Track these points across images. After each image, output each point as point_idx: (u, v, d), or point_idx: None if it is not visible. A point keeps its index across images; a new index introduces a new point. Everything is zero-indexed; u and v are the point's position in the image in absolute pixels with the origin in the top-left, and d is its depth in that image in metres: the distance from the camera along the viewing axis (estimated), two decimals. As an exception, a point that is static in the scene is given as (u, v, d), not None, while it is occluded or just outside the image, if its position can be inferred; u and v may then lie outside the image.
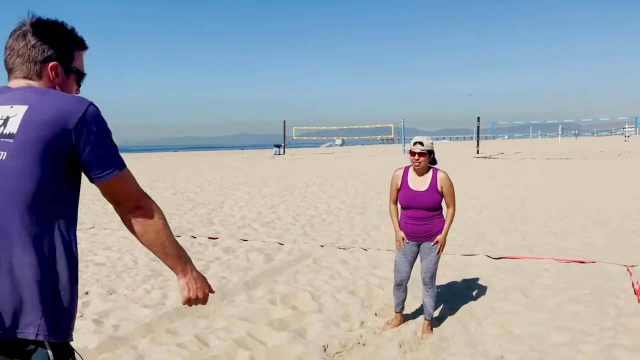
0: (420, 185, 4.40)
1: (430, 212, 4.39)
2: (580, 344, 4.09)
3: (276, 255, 7.27)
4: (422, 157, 4.33)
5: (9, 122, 1.45)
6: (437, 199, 4.37)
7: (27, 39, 1.61)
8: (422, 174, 4.42)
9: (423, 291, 4.58)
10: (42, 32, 1.62)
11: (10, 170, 1.42)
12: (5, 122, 1.46)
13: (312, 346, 4.21)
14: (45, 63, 1.63)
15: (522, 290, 5.57)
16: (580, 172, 20.94)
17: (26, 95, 1.51)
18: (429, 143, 4.35)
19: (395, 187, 4.53)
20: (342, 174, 22.10)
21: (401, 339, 4.37)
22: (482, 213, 10.86)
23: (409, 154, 4.43)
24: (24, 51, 1.61)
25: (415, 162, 4.35)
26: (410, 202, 4.40)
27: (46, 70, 1.64)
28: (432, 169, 4.44)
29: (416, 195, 4.38)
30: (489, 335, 4.45)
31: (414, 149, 4.33)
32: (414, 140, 4.38)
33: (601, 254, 7.06)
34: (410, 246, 4.53)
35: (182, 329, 4.58)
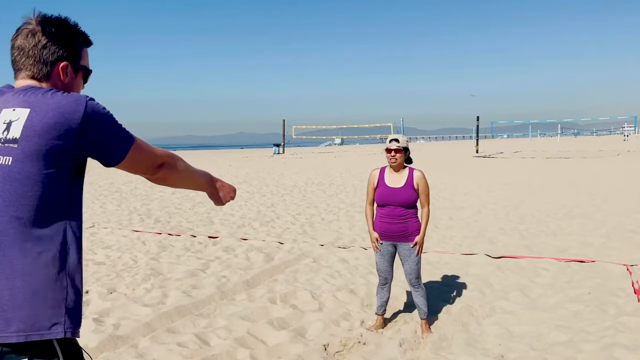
0: (396, 182, 4.46)
1: (406, 210, 4.42)
2: (580, 343, 4.10)
3: (276, 254, 7.27)
4: (398, 153, 4.42)
5: (12, 127, 1.44)
6: (413, 196, 4.42)
7: (37, 38, 1.58)
8: (399, 171, 4.47)
9: (412, 292, 4.59)
10: (52, 31, 1.59)
11: (17, 175, 1.42)
12: (9, 127, 1.45)
13: (313, 345, 4.21)
14: (56, 63, 1.61)
15: (521, 290, 5.57)
16: (579, 171, 20.96)
17: (27, 97, 1.49)
18: (405, 140, 4.49)
19: (372, 187, 4.58)
20: (341, 172, 22.11)
21: (401, 338, 4.37)
22: (481, 212, 10.86)
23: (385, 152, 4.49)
24: (34, 52, 1.58)
25: (392, 158, 4.44)
26: (387, 198, 4.44)
27: (56, 70, 1.62)
28: (409, 168, 4.52)
29: (393, 192, 4.42)
30: (489, 334, 4.45)
31: (390, 146, 4.43)
32: (390, 138, 4.51)
33: (600, 253, 7.07)
34: (386, 246, 4.54)
35: (182, 328, 4.59)
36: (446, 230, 8.82)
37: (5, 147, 1.43)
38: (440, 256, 6.93)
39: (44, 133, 1.42)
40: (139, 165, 1.66)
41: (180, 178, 1.81)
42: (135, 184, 17.46)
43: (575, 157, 31.71)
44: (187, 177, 1.84)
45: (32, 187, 1.42)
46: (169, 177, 1.76)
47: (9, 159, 1.42)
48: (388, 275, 4.64)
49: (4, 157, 1.42)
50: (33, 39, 1.58)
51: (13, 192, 1.41)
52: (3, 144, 1.44)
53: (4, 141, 1.44)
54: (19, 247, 1.41)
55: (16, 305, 1.40)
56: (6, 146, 1.43)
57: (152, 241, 8.02)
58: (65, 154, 1.45)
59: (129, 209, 11.81)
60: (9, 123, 1.45)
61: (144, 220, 10.20)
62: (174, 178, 1.78)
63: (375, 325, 4.69)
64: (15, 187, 1.41)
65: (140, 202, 12.89)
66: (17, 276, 1.40)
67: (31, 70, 1.59)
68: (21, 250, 1.41)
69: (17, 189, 1.41)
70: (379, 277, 4.67)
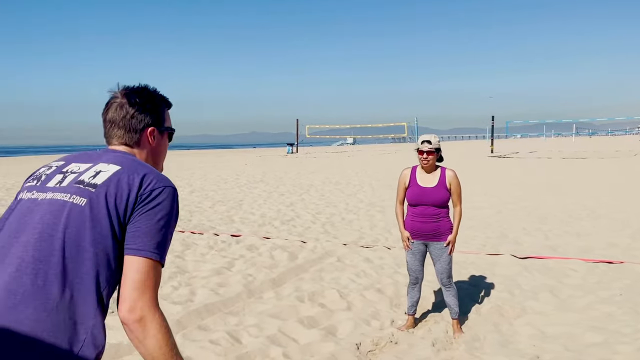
0: (428, 182, 4.42)
1: (438, 210, 4.40)
2: (616, 345, 4.06)
3: (300, 253, 7.28)
4: (431, 155, 4.37)
5: (99, 175, 1.58)
6: (446, 196, 4.39)
7: (125, 110, 1.73)
8: (430, 172, 4.44)
9: (444, 292, 4.57)
10: (137, 101, 1.74)
11: (84, 217, 1.50)
12: (96, 175, 1.58)
13: (344, 344, 4.21)
14: (144, 130, 1.76)
15: (551, 290, 5.53)
16: (597, 171, 20.75)
17: (123, 160, 1.63)
18: (436, 141, 4.41)
19: (403, 186, 4.55)
20: (357, 172, 22.08)
21: (433, 337, 4.36)
22: (501, 212, 10.80)
23: (416, 152, 4.44)
24: (124, 123, 1.73)
25: (424, 160, 4.39)
26: (419, 198, 4.41)
27: (145, 135, 1.77)
28: (440, 167, 4.48)
29: (425, 192, 4.39)
30: (522, 334, 4.42)
31: (422, 148, 4.37)
32: (422, 139, 4.43)
33: (627, 254, 7.00)
34: (417, 245, 4.52)
35: (213, 326, 4.61)
36: (468, 230, 8.77)
37: (85, 189, 1.55)
38: (465, 256, 6.90)
39: (119, 187, 1.54)
40: (136, 284, 1.46)
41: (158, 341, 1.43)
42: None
43: (592, 157, 31.39)
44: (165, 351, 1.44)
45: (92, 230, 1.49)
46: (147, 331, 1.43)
47: (84, 200, 1.52)
48: (419, 274, 4.62)
49: (80, 198, 1.53)
50: (122, 111, 1.73)
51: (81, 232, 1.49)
52: (84, 186, 1.56)
53: (85, 184, 1.56)
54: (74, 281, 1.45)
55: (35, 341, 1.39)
56: (86, 189, 1.55)
57: (175, 239, 8.06)
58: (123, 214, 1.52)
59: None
60: (98, 172, 1.59)
61: (165, 219, 10.23)
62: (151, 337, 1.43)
63: (406, 324, 4.68)
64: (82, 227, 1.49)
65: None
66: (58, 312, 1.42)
67: (123, 139, 1.75)
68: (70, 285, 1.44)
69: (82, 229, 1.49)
70: (410, 277, 4.65)
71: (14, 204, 1.63)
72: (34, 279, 1.42)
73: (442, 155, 4.53)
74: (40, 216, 1.52)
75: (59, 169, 1.67)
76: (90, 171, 1.60)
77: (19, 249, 1.48)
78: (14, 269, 1.45)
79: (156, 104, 1.80)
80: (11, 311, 1.39)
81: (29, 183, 1.66)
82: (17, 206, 1.60)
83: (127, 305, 1.42)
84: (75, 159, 1.71)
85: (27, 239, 1.49)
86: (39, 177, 1.66)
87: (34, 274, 1.43)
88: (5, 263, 1.47)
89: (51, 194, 1.57)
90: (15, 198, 1.67)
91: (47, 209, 1.54)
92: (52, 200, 1.55)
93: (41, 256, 1.45)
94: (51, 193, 1.57)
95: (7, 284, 1.43)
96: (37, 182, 1.64)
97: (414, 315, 4.74)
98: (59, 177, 1.62)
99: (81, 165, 1.65)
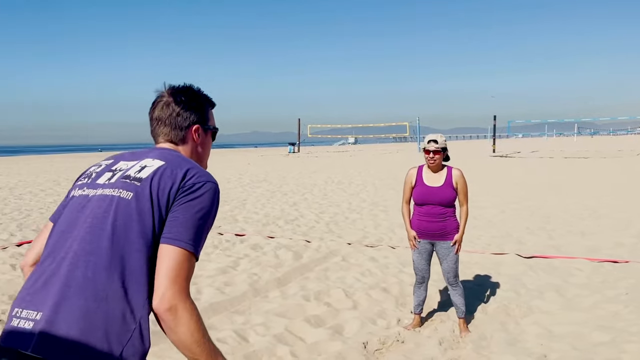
0: (435, 181, 4.42)
1: (445, 209, 4.40)
2: (623, 344, 4.05)
3: (304, 252, 7.28)
4: (437, 154, 4.37)
5: (144, 170, 1.63)
6: (452, 195, 4.39)
7: (172, 108, 1.80)
8: (437, 171, 4.44)
9: (450, 291, 4.57)
10: (183, 100, 1.81)
11: (132, 208, 1.55)
12: (141, 170, 1.64)
13: (351, 343, 4.21)
14: (189, 127, 1.82)
15: (556, 290, 5.53)
16: (599, 171, 20.74)
17: (168, 156, 1.69)
18: (443, 140, 4.40)
19: (410, 186, 4.54)
20: (359, 172, 22.09)
21: (440, 336, 4.36)
22: (504, 212, 10.79)
23: (423, 152, 4.44)
24: (170, 120, 1.80)
25: (430, 160, 4.39)
26: (426, 197, 4.41)
27: (190, 133, 1.83)
28: (447, 167, 4.48)
29: (432, 191, 4.39)
30: (529, 334, 4.42)
31: (429, 147, 4.37)
32: (428, 139, 4.42)
33: (633, 254, 6.99)
34: (424, 244, 4.52)
35: (219, 325, 4.61)
36: (473, 230, 8.76)
37: (131, 183, 1.60)
38: (470, 255, 6.89)
39: (163, 181, 1.58)
40: (168, 273, 1.47)
41: (189, 330, 1.45)
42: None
43: (594, 157, 31.37)
44: (197, 339, 1.47)
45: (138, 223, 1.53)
46: (178, 320, 1.44)
47: (130, 194, 1.57)
48: (425, 273, 4.62)
49: (127, 192, 1.58)
50: (168, 109, 1.80)
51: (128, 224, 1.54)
52: (130, 181, 1.61)
53: (131, 179, 1.62)
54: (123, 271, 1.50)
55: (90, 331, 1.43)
56: (132, 183, 1.60)
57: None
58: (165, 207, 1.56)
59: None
60: (144, 167, 1.65)
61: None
62: (183, 325, 1.44)
63: (413, 324, 4.68)
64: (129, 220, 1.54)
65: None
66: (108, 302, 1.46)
67: (169, 136, 1.81)
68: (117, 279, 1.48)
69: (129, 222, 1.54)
70: (416, 276, 4.65)
71: (67, 201, 1.70)
72: (84, 271, 1.48)
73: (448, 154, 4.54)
74: (90, 210, 1.59)
75: (108, 167, 1.73)
76: (136, 166, 1.66)
77: (71, 243, 1.55)
78: (67, 263, 1.51)
79: (201, 103, 1.86)
80: (66, 303, 1.45)
81: (81, 181, 1.73)
82: (69, 203, 1.67)
83: (159, 294, 1.45)
84: (123, 157, 1.77)
85: (78, 233, 1.55)
86: (90, 175, 1.73)
87: (84, 266, 1.49)
88: (59, 257, 1.54)
89: (100, 190, 1.63)
90: (67, 195, 1.74)
91: (96, 204, 1.59)
92: (102, 195, 1.61)
93: (91, 249, 1.51)
94: (101, 189, 1.63)
95: (63, 277, 1.49)
96: (87, 180, 1.71)
97: (420, 314, 4.75)
98: (108, 175, 1.68)
99: (129, 163, 1.71)
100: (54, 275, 1.51)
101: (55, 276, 1.51)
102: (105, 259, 1.49)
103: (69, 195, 1.72)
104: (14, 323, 1.49)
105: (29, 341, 1.43)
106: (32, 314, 1.47)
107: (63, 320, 1.43)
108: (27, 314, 1.48)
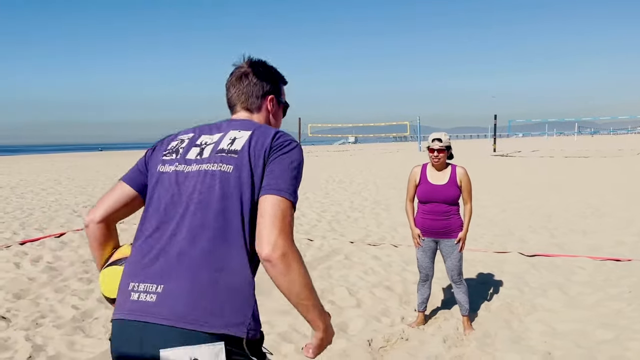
0: (439, 179, 4.44)
1: (449, 207, 4.42)
2: (627, 341, 4.07)
3: (307, 250, 7.30)
4: (441, 153, 4.39)
5: (236, 142, 1.71)
6: (457, 193, 4.41)
7: (250, 78, 1.90)
8: (441, 170, 4.45)
9: (454, 289, 4.59)
10: (260, 72, 1.92)
11: (234, 180, 1.63)
12: (233, 142, 1.72)
13: (356, 340, 4.23)
14: (265, 97, 1.93)
15: (559, 288, 5.55)
16: (600, 170, 20.75)
17: (250, 125, 1.78)
18: (447, 139, 4.43)
19: (414, 184, 4.56)
20: (360, 170, 22.11)
21: (444, 334, 4.38)
22: (506, 211, 10.81)
23: (427, 150, 4.46)
24: (247, 89, 1.90)
25: (435, 158, 4.41)
26: (430, 195, 4.43)
27: (265, 102, 1.93)
28: (451, 165, 4.50)
29: (436, 189, 4.41)
30: (533, 331, 4.44)
31: (433, 146, 4.39)
32: (432, 137, 4.44)
33: (635, 252, 7.00)
34: (428, 242, 4.54)
35: (224, 323, 4.62)
36: (475, 228, 8.77)
37: (228, 156, 1.68)
38: (473, 254, 6.91)
39: (257, 149, 1.67)
40: (276, 222, 1.52)
41: (300, 274, 1.51)
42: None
43: (595, 156, 31.36)
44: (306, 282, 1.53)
45: (244, 193, 1.61)
46: (290, 265, 1.50)
47: (230, 167, 1.65)
48: (429, 271, 4.64)
49: (227, 165, 1.66)
50: (247, 78, 1.91)
51: (231, 195, 1.61)
52: (227, 154, 1.68)
53: (227, 152, 1.69)
54: (225, 246, 1.57)
55: (221, 299, 1.52)
56: (229, 156, 1.68)
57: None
58: (262, 172, 1.64)
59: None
60: (234, 139, 1.73)
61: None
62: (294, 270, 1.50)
63: (417, 321, 4.69)
64: (233, 191, 1.62)
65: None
66: (227, 271, 1.55)
67: (246, 103, 1.91)
68: (226, 251, 1.57)
69: (234, 193, 1.61)
70: (420, 274, 4.67)
71: (156, 177, 1.74)
72: (203, 244, 1.56)
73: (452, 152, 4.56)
74: (193, 186, 1.65)
75: (191, 141, 1.79)
76: (225, 139, 1.74)
77: (180, 218, 1.62)
78: (182, 237, 1.59)
79: (276, 77, 1.98)
80: (189, 275, 1.53)
81: (167, 157, 1.78)
82: (161, 178, 1.73)
83: (270, 241, 1.50)
84: (202, 131, 1.83)
85: (186, 208, 1.63)
86: (175, 150, 1.79)
87: (202, 239, 1.57)
88: (169, 232, 1.62)
89: (196, 165, 1.70)
90: (148, 170, 1.80)
91: (197, 179, 1.66)
92: (200, 171, 1.68)
93: (204, 223, 1.58)
94: (196, 165, 1.70)
95: (180, 250, 1.57)
96: (176, 155, 1.76)
97: (424, 312, 4.76)
98: (196, 150, 1.75)
99: (212, 136, 1.78)
100: (166, 249, 1.59)
101: (169, 250, 1.58)
102: (219, 231, 1.57)
103: (154, 170, 1.76)
104: (134, 297, 1.55)
105: (156, 313, 1.49)
106: (152, 286, 1.54)
107: (191, 291, 1.50)
108: (147, 287, 1.55)
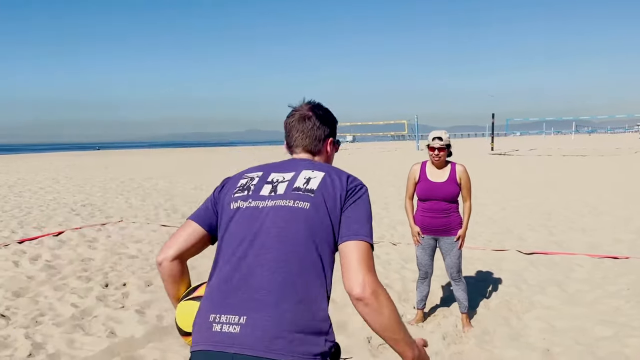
0: (439, 177, 4.45)
1: (448, 204, 4.43)
2: (626, 338, 4.08)
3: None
4: (442, 151, 4.40)
5: (311, 181, 1.79)
6: (456, 190, 4.42)
7: (312, 121, 1.99)
8: (441, 167, 4.47)
9: (453, 286, 4.60)
10: (321, 115, 2.01)
11: (311, 216, 1.70)
12: (308, 181, 1.80)
13: (356, 338, 4.24)
14: (326, 140, 2.03)
15: (558, 285, 5.56)
16: (597, 169, 20.79)
17: (321, 166, 1.88)
18: (447, 137, 4.44)
19: (413, 181, 4.57)
20: (360, 169, 22.10)
21: (443, 331, 4.39)
22: (505, 209, 10.82)
23: (427, 149, 4.47)
24: (311, 132, 1.99)
25: (435, 156, 4.42)
26: (430, 193, 4.44)
27: (326, 145, 2.04)
28: (450, 163, 4.51)
29: (436, 187, 4.42)
30: (532, 328, 4.45)
31: (433, 144, 4.39)
32: (432, 135, 4.44)
33: (633, 250, 7.03)
34: (427, 240, 4.55)
35: (223, 320, 4.62)
36: (474, 226, 8.78)
37: (305, 194, 1.76)
38: (472, 252, 6.93)
39: (331, 190, 1.76)
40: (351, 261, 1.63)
41: (391, 310, 1.59)
42: (155, 180, 17.58)
43: (592, 155, 31.43)
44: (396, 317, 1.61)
45: (320, 230, 1.69)
46: (381, 302, 1.57)
47: (307, 204, 1.73)
48: (429, 269, 4.65)
49: (303, 202, 1.74)
50: (310, 122, 1.99)
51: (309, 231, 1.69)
52: (303, 192, 1.77)
53: (303, 190, 1.78)
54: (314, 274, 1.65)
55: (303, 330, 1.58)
56: (306, 194, 1.76)
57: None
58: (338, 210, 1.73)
59: (153, 204, 11.91)
60: (309, 179, 1.81)
61: (170, 215, 10.29)
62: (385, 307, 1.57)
63: (416, 319, 4.71)
64: (311, 227, 1.69)
65: (163, 198, 13.00)
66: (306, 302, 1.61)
67: (306, 145, 2.00)
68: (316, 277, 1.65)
69: (311, 229, 1.69)
70: (420, 271, 4.68)
71: (229, 214, 1.80)
72: (285, 277, 1.63)
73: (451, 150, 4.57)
74: (271, 221, 1.73)
75: (262, 179, 1.87)
76: (300, 178, 1.82)
77: (258, 251, 1.69)
78: (264, 269, 1.65)
79: (333, 119, 2.08)
80: (271, 306, 1.59)
81: (238, 194, 1.85)
82: (237, 214, 1.79)
83: (359, 283, 1.57)
84: (271, 169, 1.92)
85: (263, 243, 1.69)
86: (247, 187, 1.86)
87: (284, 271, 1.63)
88: (246, 264, 1.68)
89: (272, 201, 1.77)
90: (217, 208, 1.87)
91: (275, 214, 1.74)
92: (277, 206, 1.76)
93: (286, 257, 1.65)
94: (271, 201, 1.78)
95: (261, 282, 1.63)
96: (248, 192, 1.84)
97: (423, 309, 4.77)
98: (268, 187, 1.83)
99: (284, 174, 1.87)
100: (247, 281, 1.64)
101: (249, 282, 1.64)
102: (298, 263, 1.64)
103: (227, 207, 1.83)
104: (216, 328, 1.60)
105: (242, 344, 1.55)
106: (235, 318, 1.60)
107: (275, 322, 1.56)
108: (229, 319, 1.60)
